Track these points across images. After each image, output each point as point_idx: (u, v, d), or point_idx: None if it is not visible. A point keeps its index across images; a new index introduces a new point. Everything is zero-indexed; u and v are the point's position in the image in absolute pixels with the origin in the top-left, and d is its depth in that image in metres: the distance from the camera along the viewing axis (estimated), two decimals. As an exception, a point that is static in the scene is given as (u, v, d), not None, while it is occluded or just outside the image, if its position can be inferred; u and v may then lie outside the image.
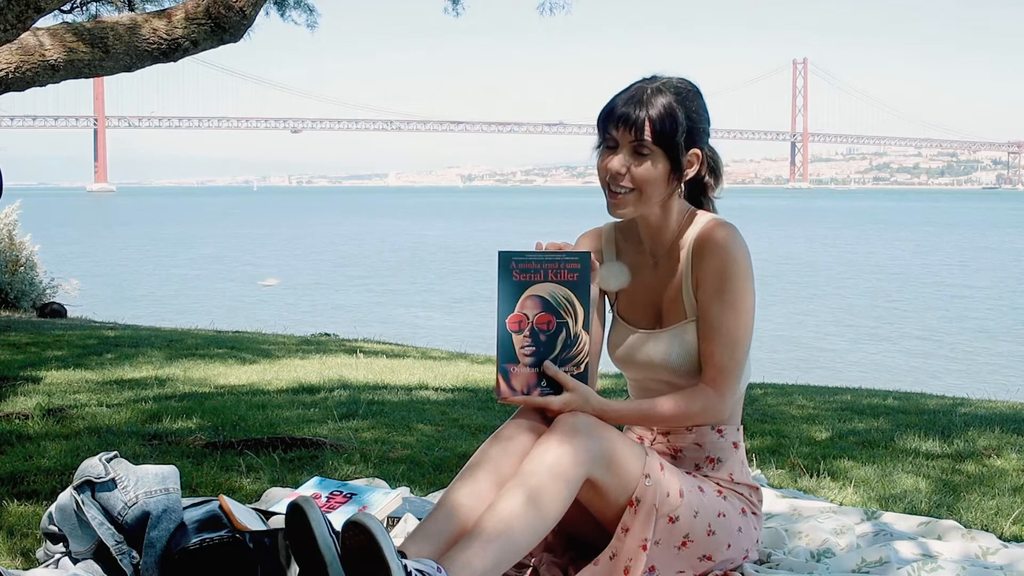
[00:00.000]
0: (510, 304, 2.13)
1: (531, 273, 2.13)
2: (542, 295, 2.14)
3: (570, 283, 2.14)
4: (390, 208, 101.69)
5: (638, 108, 2.15)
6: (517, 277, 2.12)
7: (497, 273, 2.12)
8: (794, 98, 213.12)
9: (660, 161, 2.17)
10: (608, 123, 2.19)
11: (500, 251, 2.12)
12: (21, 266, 14.02)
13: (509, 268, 2.12)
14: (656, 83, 2.19)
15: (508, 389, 2.15)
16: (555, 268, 2.14)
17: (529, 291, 2.13)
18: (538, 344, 2.14)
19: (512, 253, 2.13)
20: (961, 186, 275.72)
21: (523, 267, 2.13)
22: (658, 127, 2.14)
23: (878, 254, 37.66)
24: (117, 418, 4.17)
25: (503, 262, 2.12)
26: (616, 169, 2.18)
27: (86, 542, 2.20)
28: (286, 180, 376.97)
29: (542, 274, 2.13)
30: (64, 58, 4.94)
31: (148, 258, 35.87)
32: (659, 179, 2.18)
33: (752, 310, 2.21)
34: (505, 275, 2.12)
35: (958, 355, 16.48)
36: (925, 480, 3.27)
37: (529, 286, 2.13)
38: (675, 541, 2.14)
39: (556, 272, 2.14)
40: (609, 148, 2.20)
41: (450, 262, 33.87)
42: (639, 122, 2.14)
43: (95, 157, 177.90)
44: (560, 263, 2.14)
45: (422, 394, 5.23)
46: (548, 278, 2.14)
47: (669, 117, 2.15)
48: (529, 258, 2.13)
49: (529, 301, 2.13)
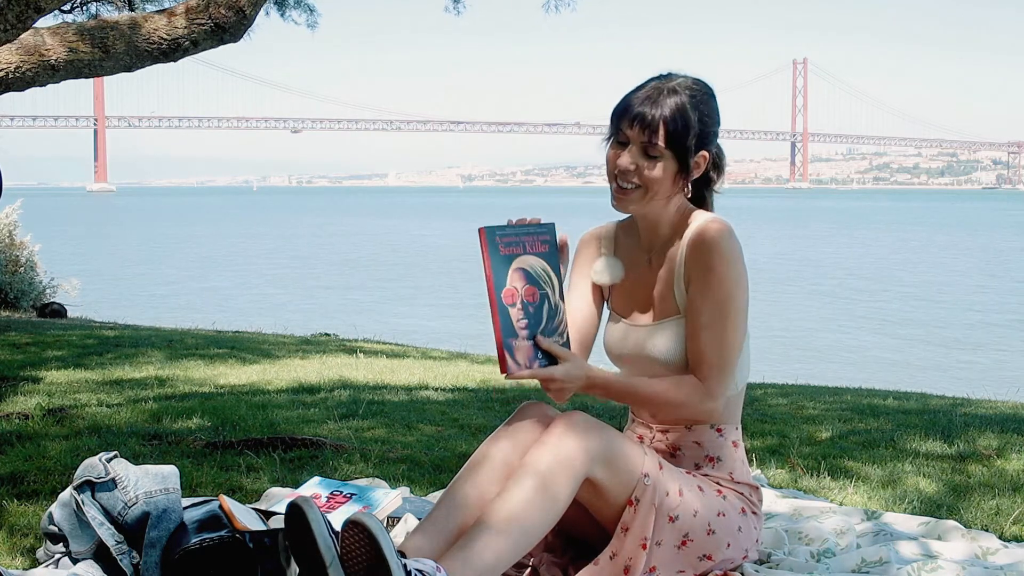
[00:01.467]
0: (502, 278, 2.12)
1: (513, 246, 2.14)
2: (525, 268, 2.15)
3: (543, 254, 2.18)
4: (390, 208, 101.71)
5: (653, 109, 2.16)
6: (504, 251, 2.13)
7: (486, 249, 2.11)
8: (794, 98, 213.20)
9: (669, 162, 2.19)
10: (622, 119, 2.20)
11: (484, 227, 2.12)
12: (21, 266, 14.02)
13: (495, 242, 2.13)
14: (672, 83, 2.20)
15: (514, 364, 2.12)
16: (531, 240, 2.17)
17: (514, 264, 2.14)
18: (529, 316, 2.14)
19: (495, 228, 2.14)
20: (961, 186, 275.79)
21: (507, 241, 2.14)
22: (671, 129, 2.16)
23: (877, 254, 37.66)
24: (117, 418, 4.17)
25: (489, 237, 2.12)
26: (625, 166, 2.19)
27: (86, 542, 2.20)
28: (286, 180, 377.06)
29: (522, 247, 2.16)
30: (64, 58, 4.94)
31: (148, 258, 35.87)
32: (666, 180, 2.20)
33: (744, 310, 2.21)
34: (493, 250, 2.12)
35: (959, 355, 16.48)
36: (926, 480, 3.27)
37: (514, 259, 2.14)
38: (675, 540, 2.14)
39: (532, 244, 2.17)
40: (620, 143, 2.22)
41: (450, 262, 33.86)
42: (653, 123, 2.15)
43: (95, 157, 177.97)
44: (534, 235, 2.17)
45: (422, 394, 5.23)
46: (527, 250, 2.16)
47: (682, 120, 2.16)
48: (508, 232, 2.15)
49: (515, 274, 2.14)
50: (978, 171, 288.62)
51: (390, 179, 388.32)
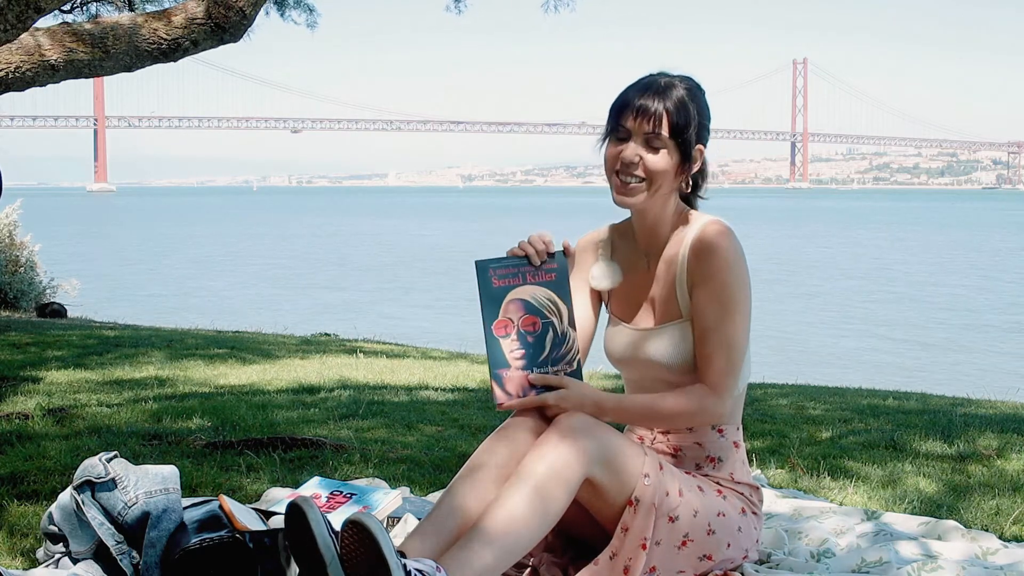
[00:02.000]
0: (494, 311, 2.16)
1: (510, 278, 2.17)
2: (524, 298, 2.17)
3: (549, 283, 2.18)
4: (390, 208, 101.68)
5: (655, 100, 2.18)
6: (497, 284, 2.16)
7: (477, 283, 2.15)
8: (794, 98, 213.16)
9: (672, 153, 2.20)
10: (623, 113, 2.21)
11: (476, 260, 2.15)
12: (21, 266, 14.02)
13: (488, 276, 2.16)
14: (667, 78, 2.23)
15: (504, 394, 2.17)
16: (532, 271, 2.18)
17: (511, 295, 2.16)
18: (527, 346, 2.16)
19: (489, 261, 2.16)
20: (961, 186, 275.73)
21: (501, 273, 2.16)
22: (675, 119, 2.18)
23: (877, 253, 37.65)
24: (117, 418, 4.17)
25: (481, 271, 2.16)
26: (630, 158, 2.19)
27: (86, 542, 2.20)
28: (286, 180, 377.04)
29: (520, 278, 2.17)
30: (64, 58, 4.93)
31: (148, 258, 35.86)
32: (670, 171, 2.21)
33: (748, 312, 2.22)
34: (484, 283, 2.16)
35: (960, 355, 16.47)
36: (926, 480, 3.27)
37: (510, 290, 2.16)
38: (675, 540, 2.14)
39: (534, 275, 2.18)
40: (619, 139, 2.22)
41: (450, 262, 33.86)
42: (657, 113, 2.17)
43: (95, 157, 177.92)
44: (537, 265, 2.17)
45: (422, 394, 5.23)
46: (527, 281, 2.17)
47: (683, 111, 2.19)
48: (506, 263, 2.17)
49: (512, 305, 2.16)
50: (978, 171, 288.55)
51: (390, 179, 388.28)
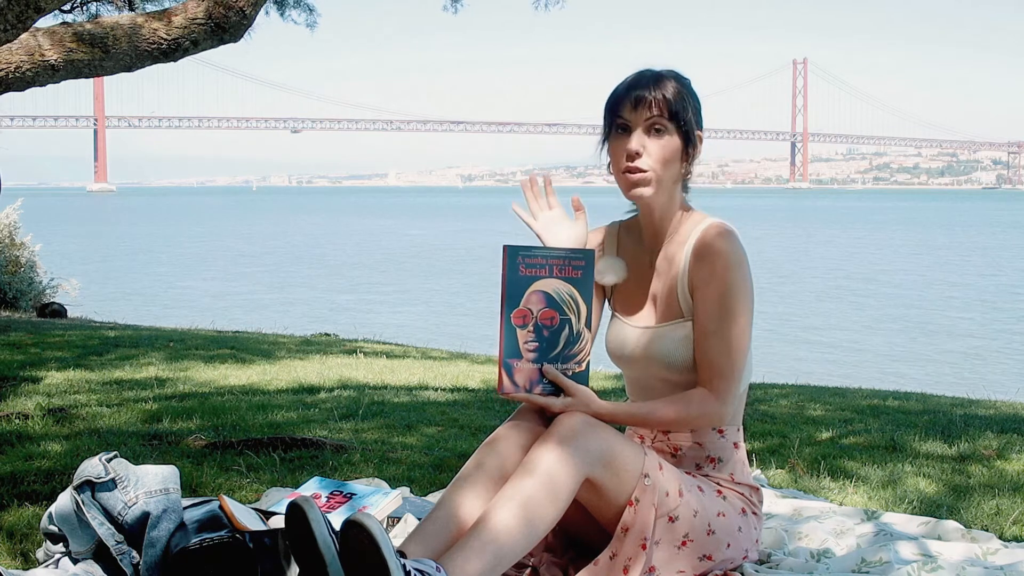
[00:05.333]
0: (516, 298, 2.13)
1: (537, 268, 2.13)
2: (547, 291, 2.14)
3: (574, 280, 2.15)
4: (390, 208, 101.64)
5: (650, 89, 2.20)
6: (523, 272, 2.13)
7: (505, 267, 2.12)
8: (794, 98, 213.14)
9: (675, 137, 2.21)
10: (620, 106, 2.22)
11: (507, 245, 2.12)
12: (21, 266, 14.02)
13: (516, 262, 2.12)
14: (652, 71, 2.25)
15: (511, 384, 2.14)
16: (560, 264, 2.15)
17: (534, 286, 2.13)
18: (541, 340, 2.14)
19: (519, 248, 2.13)
20: (961, 186, 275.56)
21: (529, 262, 2.13)
22: (672, 104, 2.19)
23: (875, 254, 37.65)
24: (117, 418, 4.17)
25: (510, 256, 2.12)
26: (635, 148, 2.20)
27: (86, 542, 2.20)
28: (286, 180, 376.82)
29: (547, 270, 2.14)
30: (64, 58, 4.93)
31: (148, 258, 35.85)
32: (675, 154, 2.22)
33: (750, 315, 2.22)
34: (512, 269, 2.12)
35: (960, 355, 16.47)
36: (926, 480, 3.27)
37: (534, 281, 2.13)
38: (675, 541, 2.14)
39: (561, 268, 2.15)
40: (621, 132, 2.22)
41: (451, 262, 33.86)
42: (656, 99, 2.19)
43: (95, 157, 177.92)
44: (566, 260, 2.15)
45: (422, 394, 5.23)
46: (553, 274, 2.14)
47: (679, 95, 2.21)
48: (536, 253, 2.14)
49: (534, 296, 2.13)
50: (978, 171, 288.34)
51: (390, 179, 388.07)
